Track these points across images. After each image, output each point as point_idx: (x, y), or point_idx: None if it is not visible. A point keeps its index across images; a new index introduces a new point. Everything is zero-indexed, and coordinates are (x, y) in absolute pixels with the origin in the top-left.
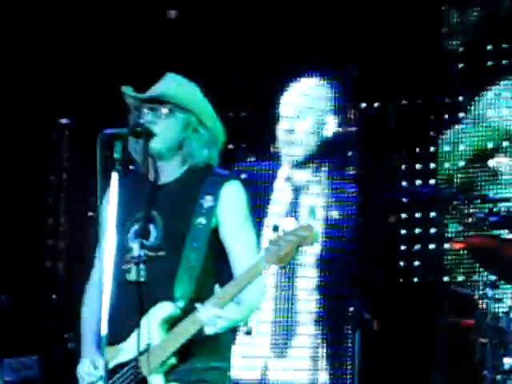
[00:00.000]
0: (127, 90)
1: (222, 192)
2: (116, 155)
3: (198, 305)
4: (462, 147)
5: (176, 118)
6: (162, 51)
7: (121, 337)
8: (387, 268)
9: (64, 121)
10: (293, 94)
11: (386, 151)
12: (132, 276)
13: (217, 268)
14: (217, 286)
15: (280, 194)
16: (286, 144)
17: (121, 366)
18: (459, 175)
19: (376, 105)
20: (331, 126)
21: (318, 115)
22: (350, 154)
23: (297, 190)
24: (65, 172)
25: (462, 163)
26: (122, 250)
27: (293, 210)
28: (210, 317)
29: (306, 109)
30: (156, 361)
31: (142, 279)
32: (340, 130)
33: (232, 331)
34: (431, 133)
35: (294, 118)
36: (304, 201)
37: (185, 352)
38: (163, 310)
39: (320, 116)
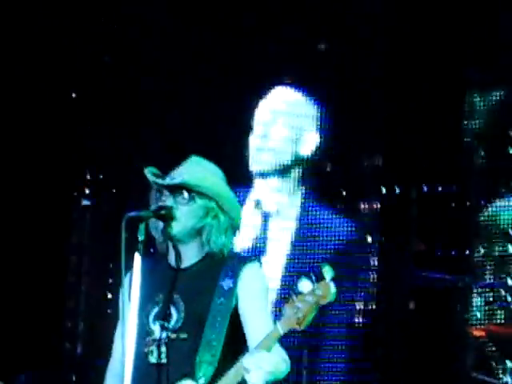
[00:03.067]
0: (150, 171)
1: (242, 274)
2: (140, 237)
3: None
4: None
5: (197, 204)
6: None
7: None
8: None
9: (86, 202)
10: (270, 100)
11: (406, 236)
12: (153, 358)
13: (237, 346)
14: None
15: (249, 218)
16: (258, 151)
17: None
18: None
19: (397, 190)
20: (310, 143)
21: (295, 124)
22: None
23: (266, 216)
24: (85, 253)
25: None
26: (143, 332)
27: (261, 234)
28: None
29: (282, 114)
30: None
31: (163, 361)
32: None
33: None
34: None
35: (268, 124)
36: (273, 225)
37: None
38: None
39: (298, 126)
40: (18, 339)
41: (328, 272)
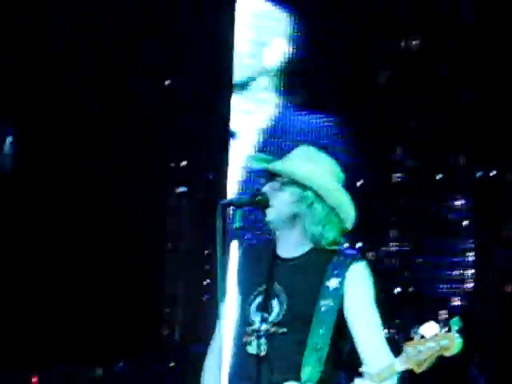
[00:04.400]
0: (252, 157)
1: (348, 274)
2: (236, 224)
3: None
4: None
5: (289, 191)
6: None
7: None
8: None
9: (181, 189)
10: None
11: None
12: (253, 349)
13: (341, 350)
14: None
15: None
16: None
17: None
18: None
19: (492, 173)
20: (276, 51)
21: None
22: None
23: None
24: (181, 239)
25: None
26: (244, 321)
27: None
28: None
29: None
30: None
31: (262, 353)
32: None
33: None
34: None
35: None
36: None
37: None
38: None
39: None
40: (117, 326)
41: (455, 324)
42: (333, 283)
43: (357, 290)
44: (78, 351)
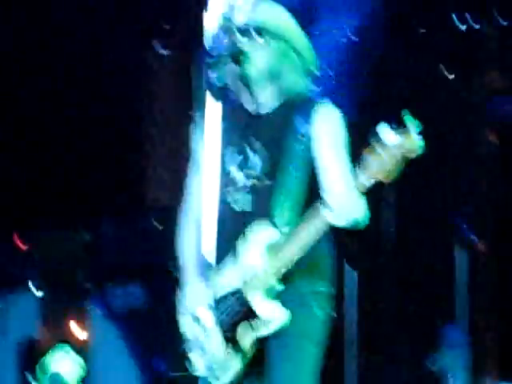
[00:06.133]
0: (222, 16)
1: (316, 115)
2: (214, 81)
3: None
4: None
5: (271, 46)
6: None
7: (224, 264)
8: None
9: (161, 50)
10: None
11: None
12: (236, 205)
13: (315, 193)
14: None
15: None
16: None
17: (225, 294)
18: None
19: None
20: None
21: None
22: None
23: None
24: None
25: None
26: (223, 178)
27: None
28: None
29: None
30: (261, 286)
31: (248, 209)
32: None
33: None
34: None
35: None
36: None
37: (289, 277)
38: (266, 235)
39: None
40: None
41: (411, 123)
42: (303, 128)
43: (325, 132)
44: (62, 216)
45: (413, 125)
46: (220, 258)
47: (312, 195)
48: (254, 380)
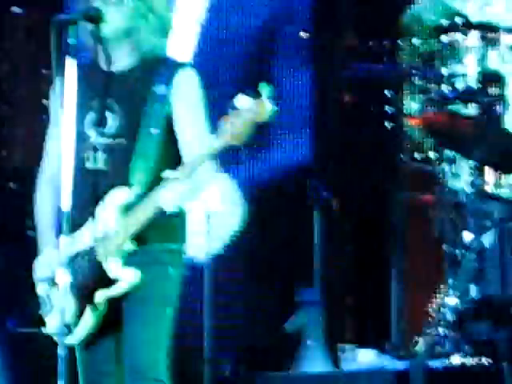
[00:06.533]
0: None
1: (176, 79)
2: (71, 41)
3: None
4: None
5: (124, 4)
6: None
7: (79, 224)
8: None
9: (16, 10)
10: None
11: (339, 29)
12: (90, 164)
13: (173, 156)
14: (168, 171)
15: None
16: None
17: (78, 254)
18: (419, 49)
19: None
20: None
21: None
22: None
23: None
24: (17, 60)
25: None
26: (79, 137)
27: None
28: (169, 197)
29: None
30: (113, 247)
31: (100, 167)
32: None
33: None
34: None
35: None
36: None
37: (141, 236)
38: (119, 196)
39: None
40: None
41: (265, 89)
42: (160, 89)
43: (184, 97)
44: None
45: (265, 90)
46: (76, 218)
47: (170, 157)
48: (110, 340)
